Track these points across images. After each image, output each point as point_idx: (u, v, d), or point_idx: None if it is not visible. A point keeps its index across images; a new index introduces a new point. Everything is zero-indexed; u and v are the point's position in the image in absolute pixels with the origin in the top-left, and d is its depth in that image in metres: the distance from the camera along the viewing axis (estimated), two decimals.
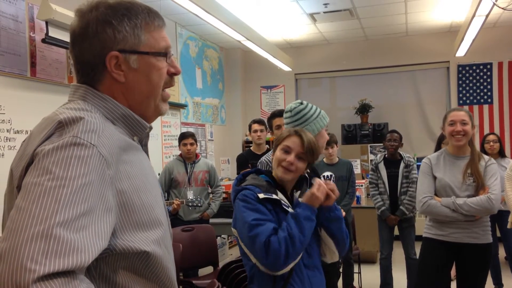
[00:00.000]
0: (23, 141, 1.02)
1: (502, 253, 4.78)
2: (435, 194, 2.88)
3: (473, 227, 2.79)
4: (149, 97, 1.09)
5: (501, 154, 4.56)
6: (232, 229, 1.85)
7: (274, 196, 1.77)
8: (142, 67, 1.06)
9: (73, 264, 0.78)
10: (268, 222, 1.71)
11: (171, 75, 1.13)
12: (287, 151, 1.82)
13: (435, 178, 2.89)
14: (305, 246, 1.73)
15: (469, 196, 2.77)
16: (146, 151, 1.18)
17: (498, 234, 4.46)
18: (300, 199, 1.80)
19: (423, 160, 3.02)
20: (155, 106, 1.11)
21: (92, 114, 0.98)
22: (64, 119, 0.93)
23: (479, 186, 2.76)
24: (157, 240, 1.01)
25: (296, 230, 1.67)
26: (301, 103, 2.26)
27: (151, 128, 1.16)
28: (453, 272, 3.07)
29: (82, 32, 1.03)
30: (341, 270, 4.16)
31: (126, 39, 1.04)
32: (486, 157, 2.91)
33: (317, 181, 1.76)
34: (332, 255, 1.90)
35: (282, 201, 1.79)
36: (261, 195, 1.75)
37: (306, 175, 1.95)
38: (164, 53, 1.09)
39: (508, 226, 3.97)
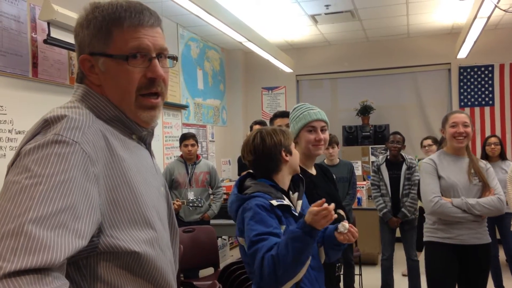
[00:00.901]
0: None
1: (502, 255, 4.77)
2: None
3: (478, 228, 2.79)
4: (121, 102, 1.03)
5: (502, 156, 4.54)
6: (239, 238, 1.74)
7: (285, 202, 1.71)
8: (109, 71, 1.02)
9: (43, 262, 0.77)
10: (272, 237, 1.58)
11: (150, 79, 1.03)
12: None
13: (439, 178, 2.86)
14: (300, 267, 1.58)
15: (475, 196, 2.77)
16: (150, 150, 1.15)
17: (498, 236, 4.45)
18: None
19: (424, 160, 2.99)
20: (132, 113, 1.05)
21: (79, 111, 0.97)
22: (49, 118, 0.93)
23: (485, 187, 2.77)
24: (149, 240, 0.98)
25: (283, 250, 1.52)
26: (295, 107, 2.22)
27: (148, 130, 1.12)
28: None
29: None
30: (341, 272, 4.15)
31: (94, 41, 1.01)
32: (482, 160, 2.92)
33: (319, 203, 1.55)
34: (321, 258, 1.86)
35: (291, 206, 1.74)
36: (274, 202, 1.66)
37: (301, 175, 1.93)
38: (126, 56, 1.00)
39: None
